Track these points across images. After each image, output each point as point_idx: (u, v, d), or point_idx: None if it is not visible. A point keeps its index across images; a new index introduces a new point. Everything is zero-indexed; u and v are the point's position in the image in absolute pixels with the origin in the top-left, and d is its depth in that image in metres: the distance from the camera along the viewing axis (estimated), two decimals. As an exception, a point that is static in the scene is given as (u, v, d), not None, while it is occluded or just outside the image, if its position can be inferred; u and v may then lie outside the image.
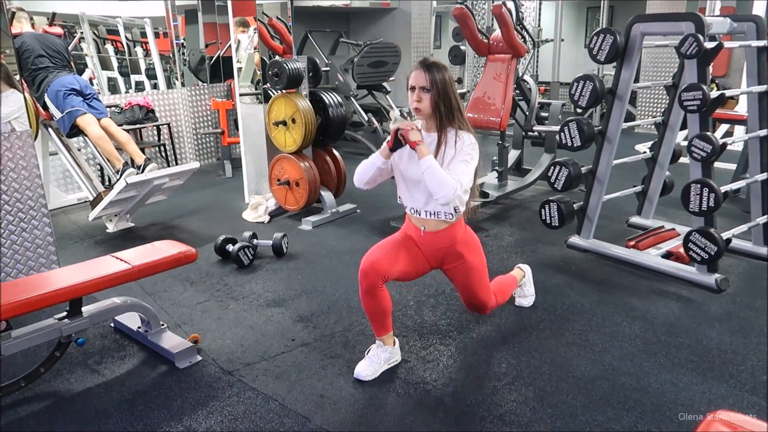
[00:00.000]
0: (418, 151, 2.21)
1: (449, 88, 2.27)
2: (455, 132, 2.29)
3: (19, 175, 3.16)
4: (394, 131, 2.26)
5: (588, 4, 10.37)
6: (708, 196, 3.03)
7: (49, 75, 4.28)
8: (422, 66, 2.26)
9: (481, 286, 2.56)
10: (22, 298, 2.18)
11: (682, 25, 3.12)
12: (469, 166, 2.26)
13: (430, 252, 2.47)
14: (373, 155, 2.39)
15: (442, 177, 2.17)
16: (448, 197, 2.17)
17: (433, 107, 2.26)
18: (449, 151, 2.28)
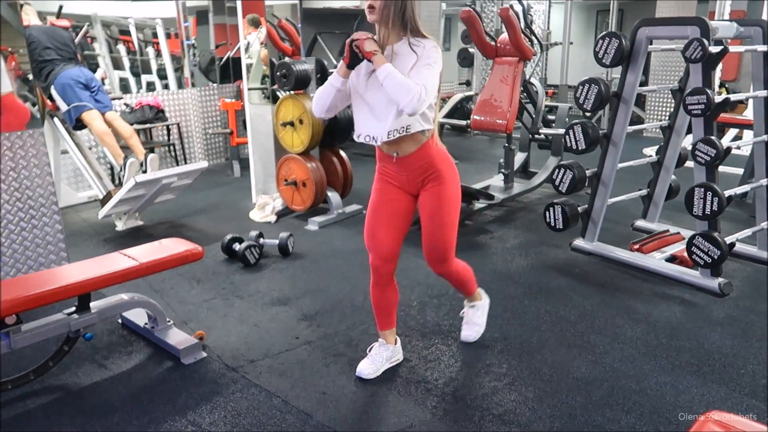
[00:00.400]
0: (375, 61, 2.04)
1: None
2: (411, 39, 2.12)
3: (30, 172, 3.22)
4: (348, 43, 2.08)
5: (598, 7, 10.36)
6: (711, 200, 3.04)
7: (56, 67, 4.35)
8: None
9: (449, 227, 2.33)
10: (32, 292, 2.23)
11: (688, 29, 3.13)
12: (433, 69, 2.07)
13: (408, 180, 2.30)
14: (330, 77, 2.19)
15: (404, 82, 2.00)
16: (414, 104, 1.98)
17: (387, 10, 2.08)
18: (409, 60, 2.09)
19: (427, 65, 2.07)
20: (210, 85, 6.79)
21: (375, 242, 2.39)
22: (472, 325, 2.75)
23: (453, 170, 2.32)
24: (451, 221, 2.34)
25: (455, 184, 2.33)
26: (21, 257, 3.25)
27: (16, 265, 3.23)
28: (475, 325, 2.75)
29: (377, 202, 2.41)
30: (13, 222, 3.19)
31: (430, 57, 2.08)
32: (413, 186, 2.32)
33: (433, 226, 2.33)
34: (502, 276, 3.49)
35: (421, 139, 2.20)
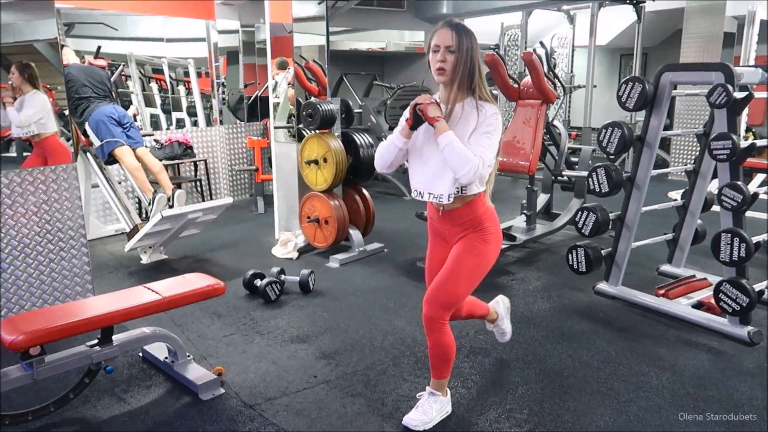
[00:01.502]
0: (437, 127, 2.10)
1: (475, 53, 2.13)
2: (476, 102, 2.15)
3: (62, 205, 3.31)
4: (413, 107, 2.14)
5: (621, 51, 10.43)
6: (739, 246, 2.98)
7: (91, 104, 4.52)
8: (449, 26, 2.12)
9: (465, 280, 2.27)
10: (57, 324, 2.26)
11: (712, 74, 3.14)
12: (492, 138, 2.13)
13: (452, 234, 2.32)
14: (391, 136, 2.26)
15: (463, 153, 2.05)
16: (471, 176, 2.05)
17: (457, 71, 2.12)
18: (471, 123, 2.14)
19: (487, 134, 2.12)
20: (237, 123, 6.96)
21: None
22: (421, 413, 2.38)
23: (497, 232, 2.33)
24: (472, 274, 2.28)
25: (494, 245, 2.32)
26: (48, 288, 3.31)
27: (42, 296, 3.30)
28: (424, 415, 2.37)
29: (430, 257, 2.51)
30: (42, 253, 3.27)
31: (490, 125, 2.13)
32: (457, 238, 2.32)
33: (452, 269, 2.27)
34: (524, 318, 3.45)
35: (467, 198, 2.24)
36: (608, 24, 8.96)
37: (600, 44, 8.77)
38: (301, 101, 5.08)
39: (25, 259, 3.21)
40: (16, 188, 3.14)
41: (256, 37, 7.06)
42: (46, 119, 3.49)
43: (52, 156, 3.43)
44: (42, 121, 3.46)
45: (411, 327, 3.32)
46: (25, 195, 3.18)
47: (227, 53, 6.99)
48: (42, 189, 3.23)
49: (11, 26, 3.22)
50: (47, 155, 3.44)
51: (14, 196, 3.13)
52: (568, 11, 8.43)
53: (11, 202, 3.13)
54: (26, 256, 3.21)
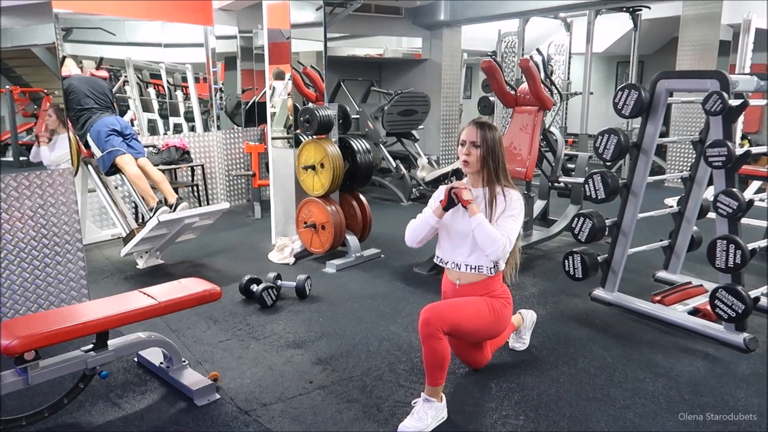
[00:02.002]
0: (470, 210, 2.38)
1: (498, 146, 2.45)
2: (501, 188, 2.47)
3: (58, 210, 3.30)
4: (447, 191, 2.42)
5: (618, 59, 10.49)
6: (734, 253, 2.99)
7: (93, 116, 4.50)
8: (475, 124, 2.47)
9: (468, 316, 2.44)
10: (52, 329, 2.25)
11: (707, 82, 3.15)
12: (517, 221, 2.43)
13: None
14: (424, 215, 2.54)
15: (492, 233, 2.34)
16: (498, 253, 2.34)
17: (481, 162, 2.44)
18: (499, 207, 2.45)
19: (512, 216, 2.43)
20: (235, 128, 6.96)
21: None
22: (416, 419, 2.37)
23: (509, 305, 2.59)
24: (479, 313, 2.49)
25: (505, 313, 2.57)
26: (43, 293, 3.30)
27: (38, 301, 3.28)
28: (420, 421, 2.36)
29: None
30: (38, 258, 3.26)
31: (515, 209, 2.44)
32: None
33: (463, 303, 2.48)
34: (520, 325, 3.44)
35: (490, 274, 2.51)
36: (605, 32, 9.01)
37: (596, 52, 8.82)
38: (299, 107, 5.09)
39: (20, 263, 3.20)
40: (12, 192, 3.13)
41: (254, 43, 7.07)
42: (68, 156, 3.85)
43: None
44: (66, 158, 3.79)
45: (407, 333, 3.32)
46: (21, 199, 3.17)
47: (225, 59, 7.00)
48: (38, 193, 3.23)
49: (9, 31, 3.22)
50: None
51: (10, 200, 3.13)
52: (565, 19, 8.47)
53: (7, 206, 3.12)
54: (22, 260, 3.20)
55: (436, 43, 8.74)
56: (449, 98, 8.88)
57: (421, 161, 7.19)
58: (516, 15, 7.94)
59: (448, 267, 2.56)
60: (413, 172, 7.23)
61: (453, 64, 8.85)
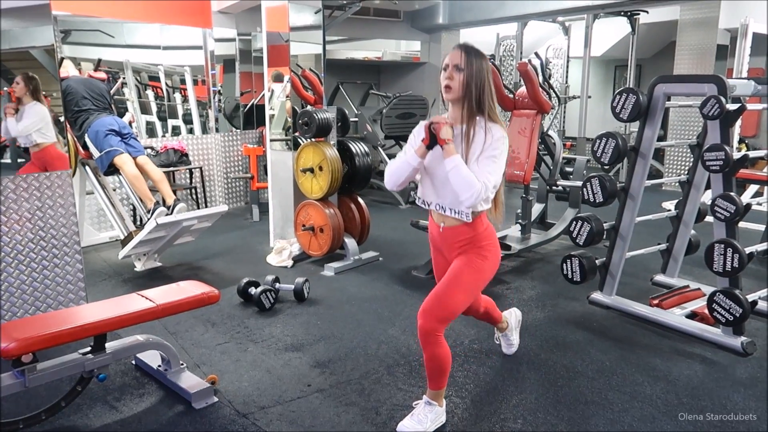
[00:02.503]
0: (445, 150, 2.15)
1: (485, 74, 2.16)
2: (485, 123, 2.19)
3: (56, 212, 3.30)
4: (428, 126, 2.19)
5: (616, 63, 10.51)
6: (732, 257, 3.00)
7: (90, 116, 4.50)
8: (461, 47, 2.19)
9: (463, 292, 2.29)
10: (50, 331, 2.25)
11: (705, 86, 3.16)
12: (497, 162, 2.16)
13: (449, 247, 2.37)
14: (406, 155, 2.28)
15: (468, 177, 2.10)
16: (473, 199, 2.11)
17: (464, 89, 2.16)
18: (478, 144, 2.18)
19: (492, 157, 2.16)
20: (233, 131, 6.97)
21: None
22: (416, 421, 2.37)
23: (496, 249, 2.37)
24: (469, 288, 2.32)
25: (492, 262, 2.35)
26: (41, 295, 3.29)
27: (35, 303, 3.28)
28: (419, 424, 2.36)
29: (435, 270, 2.58)
30: (36, 260, 3.25)
31: (496, 148, 2.16)
32: (455, 254, 2.37)
33: (450, 282, 2.30)
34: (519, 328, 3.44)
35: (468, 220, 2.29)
36: (603, 35, 9.03)
37: (594, 55, 8.85)
38: (297, 109, 5.10)
39: (18, 265, 3.19)
40: (9, 194, 3.13)
41: (252, 46, 7.08)
42: (45, 129, 3.52)
43: (52, 164, 3.42)
44: (42, 130, 3.50)
45: (405, 336, 3.32)
46: (19, 201, 3.17)
47: (224, 61, 7.01)
48: (36, 195, 3.22)
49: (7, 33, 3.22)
50: (47, 164, 3.44)
51: (8, 202, 3.12)
52: (563, 23, 8.50)
53: (5, 209, 3.12)
54: (19, 263, 3.20)
55: (435, 47, 8.75)
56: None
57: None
58: (514, 19, 7.96)
59: (432, 209, 2.34)
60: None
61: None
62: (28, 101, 3.48)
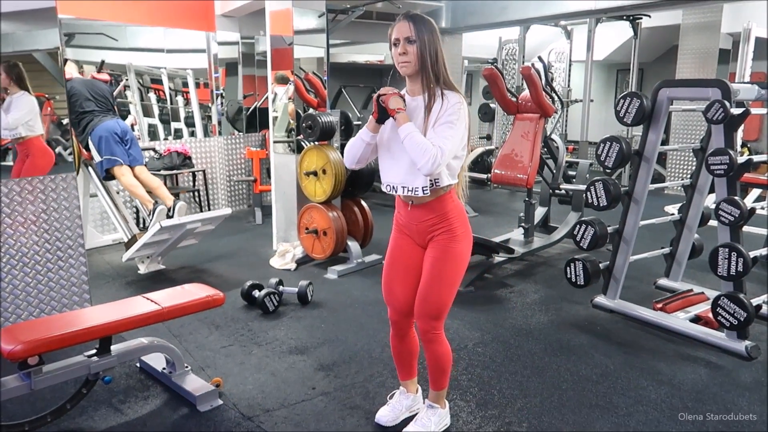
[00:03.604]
0: (397, 119, 2.07)
1: (437, 41, 2.09)
2: (440, 91, 2.11)
3: (60, 215, 3.31)
4: (375, 98, 2.12)
5: (618, 66, 10.52)
6: (736, 261, 3.00)
7: (94, 119, 4.51)
8: (406, 17, 2.09)
9: (448, 284, 2.22)
10: (56, 334, 2.25)
11: (709, 91, 3.17)
12: (454, 128, 2.05)
13: (420, 230, 2.25)
14: (360, 131, 2.22)
15: (422, 144, 2.01)
16: (429, 165, 1.99)
17: (420, 61, 2.08)
18: (434, 113, 2.09)
19: (449, 123, 2.06)
20: (236, 134, 6.98)
21: (391, 297, 2.39)
22: (420, 426, 2.37)
23: (466, 227, 2.26)
24: (451, 278, 2.23)
25: (466, 243, 2.25)
26: (45, 298, 3.30)
27: (40, 306, 3.28)
28: (423, 428, 2.36)
29: (392, 256, 2.38)
30: (40, 263, 3.26)
31: (452, 114, 2.06)
32: (423, 238, 2.26)
33: (431, 278, 2.22)
34: (522, 331, 3.45)
35: (440, 192, 2.17)
36: (605, 39, 9.04)
37: (597, 59, 8.85)
38: (301, 113, 5.11)
39: (23, 268, 3.20)
40: (15, 197, 3.14)
41: (255, 49, 7.10)
42: (33, 121, 3.38)
43: (34, 155, 3.36)
44: (30, 123, 3.36)
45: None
46: (25, 204, 3.17)
47: (226, 64, 7.03)
48: (41, 198, 3.23)
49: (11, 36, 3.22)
50: (29, 155, 3.37)
51: (13, 204, 3.13)
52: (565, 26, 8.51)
53: (10, 211, 3.12)
54: (24, 265, 3.20)
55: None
56: (450, 105, 8.89)
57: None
58: (517, 23, 7.98)
59: (398, 193, 2.22)
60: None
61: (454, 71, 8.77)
62: (15, 91, 3.26)
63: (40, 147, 3.50)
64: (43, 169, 3.35)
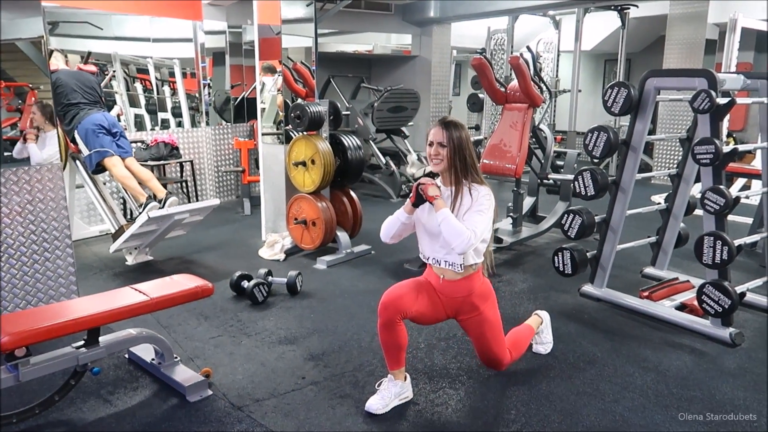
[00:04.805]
0: (435, 205, 2.40)
1: (465, 144, 2.46)
2: (469, 185, 2.47)
3: (46, 206, 3.28)
4: (415, 187, 2.45)
5: (606, 57, 10.56)
6: (721, 249, 3.04)
7: (81, 111, 4.44)
8: (441, 124, 2.47)
9: (496, 341, 2.65)
10: (44, 325, 2.24)
11: (695, 80, 3.19)
12: (484, 216, 2.41)
13: (448, 300, 2.58)
14: (397, 212, 2.57)
15: (457, 227, 2.34)
16: (463, 246, 2.33)
17: (450, 161, 2.45)
18: (465, 203, 2.45)
19: (479, 211, 2.42)
20: (224, 124, 6.93)
21: (396, 301, 2.48)
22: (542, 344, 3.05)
23: (492, 301, 2.64)
24: (497, 336, 2.64)
25: (493, 311, 2.64)
26: (32, 289, 3.27)
27: (26, 297, 3.26)
28: (545, 342, 3.06)
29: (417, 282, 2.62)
30: (26, 254, 3.23)
31: (482, 204, 2.43)
32: (450, 309, 2.61)
33: (483, 346, 2.65)
34: (510, 320, 3.46)
35: (470, 270, 2.53)
36: (593, 29, 9.06)
37: (585, 49, 8.88)
38: (289, 103, 5.08)
39: (8, 259, 3.17)
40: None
41: (243, 38, 7.04)
42: (58, 154, 3.73)
43: None
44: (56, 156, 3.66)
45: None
46: (9, 195, 3.14)
47: (213, 54, 6.96)
48: (26, 189, 3.20)
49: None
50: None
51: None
52: (553, 16, 8.52)
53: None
54: (10, 257, 3.17)
55: (426, 40, 8.75)
56: (439, 95, 8.90)
57: (410, 158, 7.21)
58: (505, 12, 7.97)
59: (429, 262, 2.60)
60: (403, 168, 7.25)
61: (443, 61, 8.86)
62: (49, 129, 3.76)
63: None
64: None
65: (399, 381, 2.55)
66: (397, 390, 2.53)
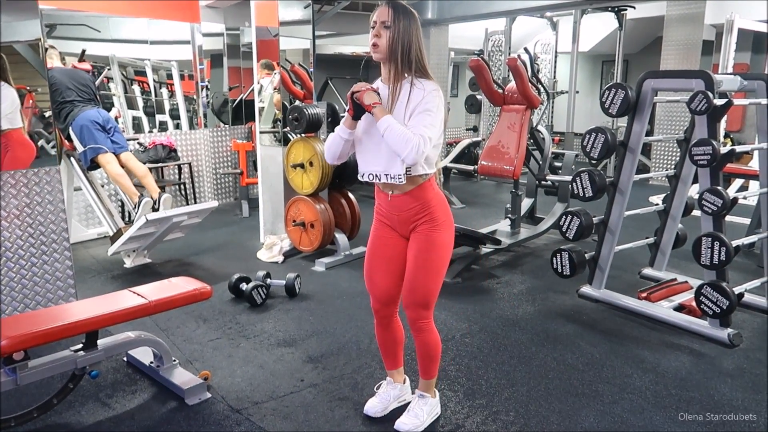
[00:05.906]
0: (375, 113, 2.07)
1: (414, 32, 2.10)
2: (412, 80, 2.11)
3: (44, 209, 3.27)
4: (350, 95, 2.13)
5: (603, 58, 10.57)
6: (719, 250, 3.04)
7: (75, 109, 4.45)
8: (388, 3, 2.12)
9: (434, 275, 2.23)
10: (42, 329, 2.23)
11: (693, 81, 3.20)
12: (434, 116, 2.06)
13: (402, 220, 2.25)
14: (337, 128, 2.24)
15: (403, 134, 2.01)
16: (413, 155, 2.00)
17: (391, 47, 2.08)
18: (413, 100, 2.09)
19: (427, 111, 2.06)
20: (222, 126, 6.93)
21: (373, 286, 2.38)
22: (412, 416, 2.39)
23: (448, 216, 2.26)
24: (437, 267, 2.23)
25: (448, 231, 2.25)
26: (30, 293, 3.26)
27: (24, 301, 3.25)
28: (416, 418, 2.38)
29: (374, 246, 2.37)
30: (24, 257, 3.22)
31: (429, 102, 2.07)
32: (406, 228, 2.26)
33: (417, 268, 2.22)
34: (509, 322, 3.48)
35: (419, 180, 2.17)
36: (590, 31, 9.08)
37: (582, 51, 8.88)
38: (287, 105, 5.08)
39: (6, 263, 3.16)
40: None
41: (240, 40, 7.04)
42: (13, 114, 3.33)
43: (14, 149, 3.31)
44: (9, 115, 3.30)
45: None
46: (7, 198, 3.13)
47: (211, 56, 6.96)
48: (24, 192, 3.19)
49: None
50: (9, 148, 3.30)
51: (-4, 199, 3.09)
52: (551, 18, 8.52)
53: (-7, 205, 3.08)
54: (8, 260, 3.17)
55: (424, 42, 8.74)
56: (436, 96, 8.89)
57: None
58: (503, 14, 7.98)
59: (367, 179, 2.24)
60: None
61: (440, 62, 8.86)
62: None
63: (20, 140, 3.43)
64: (24, 162, 3.30)
65: (398, 384, 2.54)
66: (395, 393, 2.52)
